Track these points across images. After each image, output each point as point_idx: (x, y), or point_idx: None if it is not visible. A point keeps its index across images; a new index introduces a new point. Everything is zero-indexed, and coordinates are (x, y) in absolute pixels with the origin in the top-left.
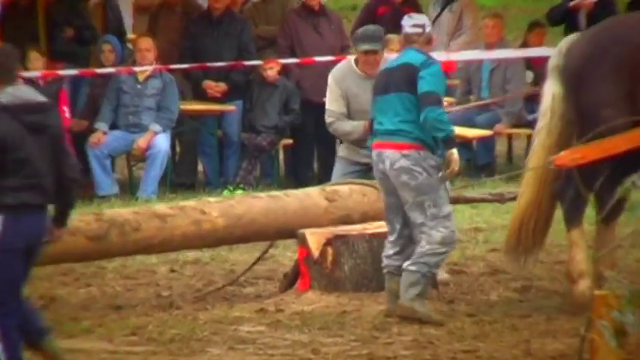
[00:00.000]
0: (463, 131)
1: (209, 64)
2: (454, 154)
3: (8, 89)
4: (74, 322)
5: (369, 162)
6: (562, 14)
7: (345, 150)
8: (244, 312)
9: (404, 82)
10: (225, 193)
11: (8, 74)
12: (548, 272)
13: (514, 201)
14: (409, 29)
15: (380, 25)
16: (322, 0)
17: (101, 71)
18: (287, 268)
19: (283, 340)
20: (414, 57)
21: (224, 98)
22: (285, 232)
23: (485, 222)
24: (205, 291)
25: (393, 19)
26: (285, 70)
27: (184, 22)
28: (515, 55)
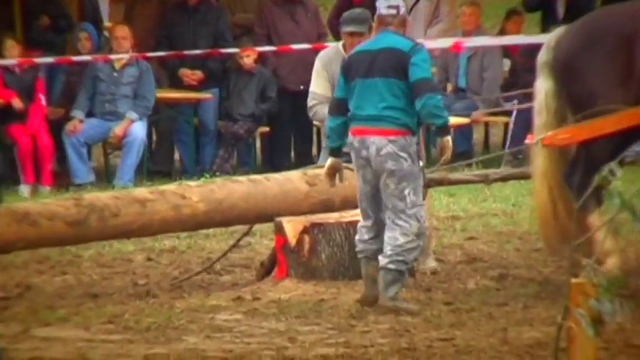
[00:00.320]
0: None
1: (185, 52)
2: (449, 141)
3: None
4: (50, 311)
5: None
6: (538, 0)
7: None
8: (221, 300)
9: (391, 67)
10: (202, 181)
11: None
12: (525, 260)
13: (499, 182)
14: (384, 10)
15: None
16: None
17: (77, 59)
18: (264, 256)
19: (260, 328)
20: (399, 42)
21: (200, 86)
22: (265, 216)
23: (462, 210)
24: (181, 278)
25: (370, 7)
26: (261, 58)
27: (161, 10)
28: (493, 42)
